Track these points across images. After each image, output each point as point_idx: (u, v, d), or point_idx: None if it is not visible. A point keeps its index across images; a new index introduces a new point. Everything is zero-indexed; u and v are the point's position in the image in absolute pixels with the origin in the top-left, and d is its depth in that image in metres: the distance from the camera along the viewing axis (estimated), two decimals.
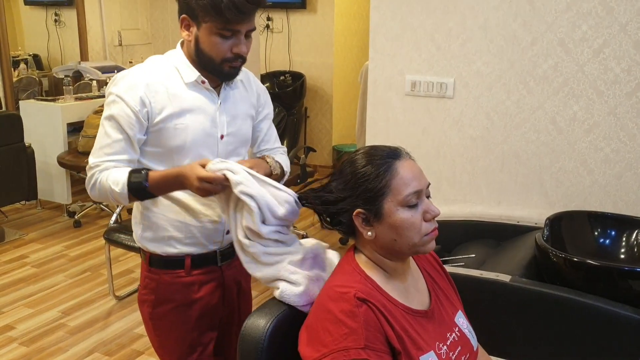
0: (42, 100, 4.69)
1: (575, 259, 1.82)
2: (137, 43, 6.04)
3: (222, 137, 1.56)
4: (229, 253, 1.62)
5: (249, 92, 1.66)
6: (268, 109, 1.74)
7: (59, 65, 5.67)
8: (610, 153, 2.19)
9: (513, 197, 2.41)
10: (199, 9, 1.41)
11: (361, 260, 1.19)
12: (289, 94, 5.21)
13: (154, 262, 1.60)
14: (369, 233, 1.16)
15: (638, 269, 1.82)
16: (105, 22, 5.77)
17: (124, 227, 3.13)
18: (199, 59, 1.49)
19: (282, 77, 5.39)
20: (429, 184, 1.19)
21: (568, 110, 2.23)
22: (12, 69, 5.14)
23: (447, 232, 2.19)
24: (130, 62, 5.66)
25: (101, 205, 4.51)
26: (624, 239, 2.06)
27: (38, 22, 6.01)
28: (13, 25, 5.95)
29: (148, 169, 1.47)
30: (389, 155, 1.17)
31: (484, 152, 2.43)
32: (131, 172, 1.44)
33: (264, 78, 5.35)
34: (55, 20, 5.91)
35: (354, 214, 1.16)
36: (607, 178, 2.22)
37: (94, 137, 4.98)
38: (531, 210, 2.36)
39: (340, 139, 5.62)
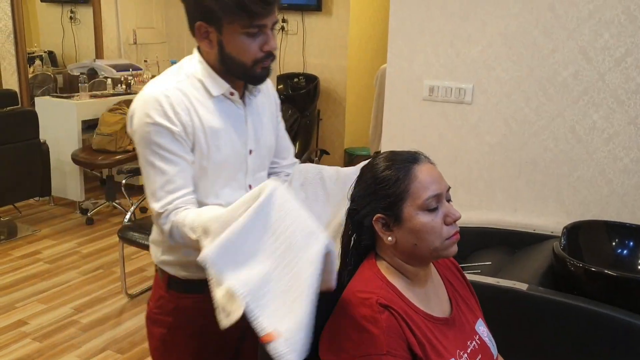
0: (57, 97, 4.73)
1: (593, 269, 1.80)
2: (152, 42, 6.07)
3: (250, 152, 1.44)
4: None
5: (268, 98, 1.54)
6: (280, 115, 1.62)
7: (73, 63, 5.71)
8: (629, 163, 2.18)
9: (529, 204, 2.39)
10: (221, 9, 1.27)
11: (382, 266, 1.19)
12: (302, 96, 5.21)
13: (173, 285, 1.48)
14: (389, 238, 1.16)
15: None
16: (120, 20, 5.80)
17: (138, 225, 3.15)
18: (227, 66, 1.34)
19: (295, 79, 5.40)
20: (449, 187, 1.19)
21: (587, 119, 2.22)
22: (28, 66, 5.19)
23: (462, 239, 2.17)
24: (145, 61, 5.69)
25: (113, 203, 4.53)
26: None
27: (53, 19, 6.05)
28: (29, 22, 5.99)
29: None
30: (408, 160, 1.17)
31: (501, 158, 2.42)
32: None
33: (278, 80, 5.36)
34: (71, 18, 5.96)
35: (374, 219, 1.16)
36: (625, 188, 2.20)
37: (109, 134, 4.93)
38: (548, 218, 2.35)
39: (353, 142, 5.61)
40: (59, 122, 4.49)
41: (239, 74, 1.36)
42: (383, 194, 1.15)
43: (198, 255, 1.30)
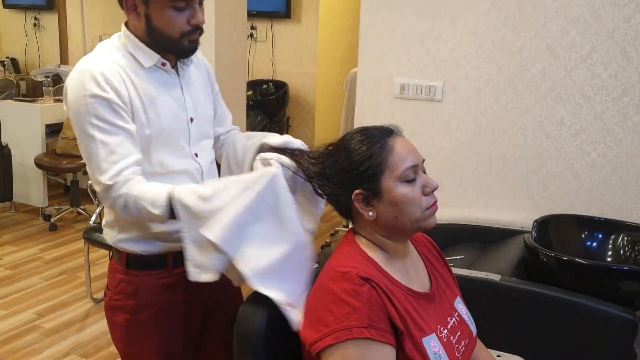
0: (21, 100, 4.61)
1: (564, 258, 1.83)
2: None
3: (191, 120, 1.45)
4: None
5: (199, 69, 1.55)
6: (216, 83, 1.64)
7: (36, 69, 5.59)
8: (596, 158, 2.22)
9: (500, 200, 2.42)
10: None
11: (362, 242, 1.18)
12: (271, 102, 5.20)
13: (132, 263, 1.45)
14: (370, 213, 1.15)
15: (625, 268, 1.84)
16: (86, 26, 5.71)
17: None
18: (154, 39, 1.36)
19: (265, 86, 5.39)
20: (424, 160, 1.20)
21: (555, 114, 2.27)
22: None
23: (433, 236, 2.19)
24: None
25: (78, 209, 4.42)
26: (610, 242, 2.08)
27: (17, 25, 5.93)
28: None
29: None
30: (382, 134, 1.17)
31: (472, 155, 2.44)
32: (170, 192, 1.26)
33: (247, 86, 5.33)
34: (35, 25, 5.84)
35: (353, 195, 1.15)
36: (593, 182, 2.24)
37: (73, 138, 4.85)
38: (518, 214, 2.38)
39: None
40: (22, 126, 4.37)
41: (166, 47, 1.37)
42: (361, 169, 1.14)
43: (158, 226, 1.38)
